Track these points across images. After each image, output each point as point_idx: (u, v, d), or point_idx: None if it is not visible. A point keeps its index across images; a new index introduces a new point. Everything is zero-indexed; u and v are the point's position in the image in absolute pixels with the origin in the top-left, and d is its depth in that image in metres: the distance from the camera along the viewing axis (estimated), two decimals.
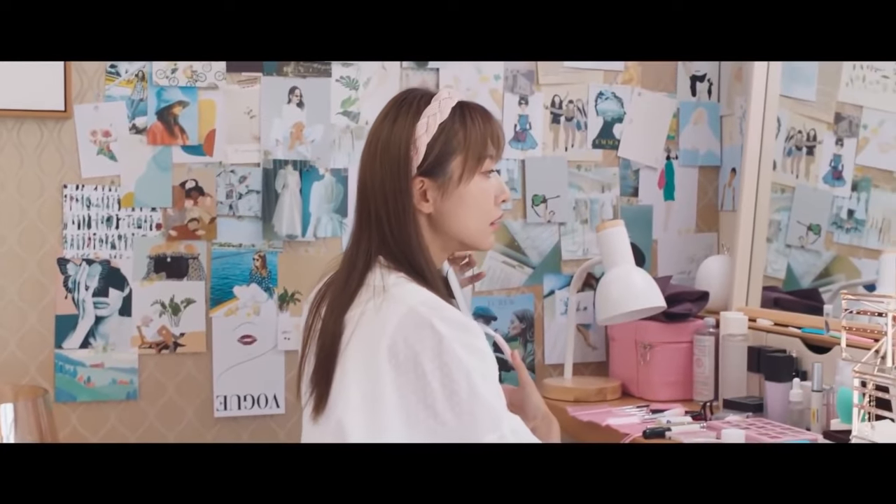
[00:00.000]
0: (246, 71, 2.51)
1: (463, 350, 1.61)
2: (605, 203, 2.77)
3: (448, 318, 1.63)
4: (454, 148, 1.75)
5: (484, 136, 1.78)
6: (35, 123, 2.40)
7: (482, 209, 1.79)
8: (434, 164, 1.74)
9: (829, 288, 2.64)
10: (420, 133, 1.74)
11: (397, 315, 1.63)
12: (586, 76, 2.75)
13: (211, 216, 2.50)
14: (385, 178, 1.74)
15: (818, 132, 2.71)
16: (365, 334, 1.64)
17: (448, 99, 1.78)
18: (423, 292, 1.67)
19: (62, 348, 2.43)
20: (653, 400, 2.48)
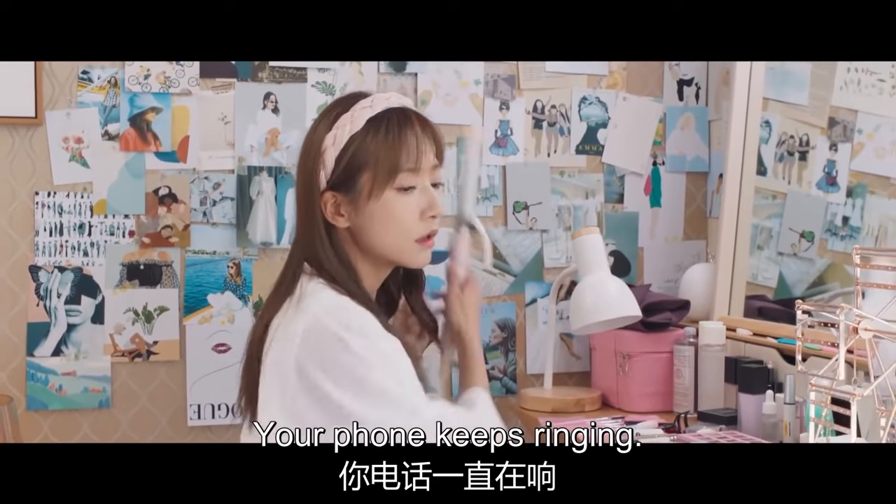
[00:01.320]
0: (220, 76, 2.54)
1: (364, 352, 1.61)
2: (588, 210, 2.78)
3: (347, 323, 1.63)
4: (362, 162, 1.71)
5: (397, 149, 1.71)
6: (6, 130, 2.44)
7: (399, 226, 1.73)
8: (342, 178, 1.71)
9: (822, 297, 2.64)
10: (328, 145, 1.72)
11: (303, 324, 1.64)
12: (569, 81, 2.76)
13: (185, 223, 2.53)
14: (298, 190, 1.76)
15: (811, 137, 2.70)
16: (279, 344, 1.67)
17: (366, 108, 1.73)
18: (332, 298, 1.68)
19: (34, 356, 2.47)
20: (631, 411, 2.48)
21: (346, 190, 1.72)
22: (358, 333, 1.63)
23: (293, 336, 1.64)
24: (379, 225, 1.73)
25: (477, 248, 2.02)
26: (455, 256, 1.97)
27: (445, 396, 1.92)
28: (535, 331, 2.75)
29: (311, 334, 1.63)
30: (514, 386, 2.73)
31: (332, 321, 1.63)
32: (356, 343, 1.62)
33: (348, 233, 1.76)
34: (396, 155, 1.71)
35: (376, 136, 1.71)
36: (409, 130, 1.73)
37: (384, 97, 1.76)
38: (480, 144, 1.98)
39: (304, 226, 1.75)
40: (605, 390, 2.61)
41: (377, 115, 1.73)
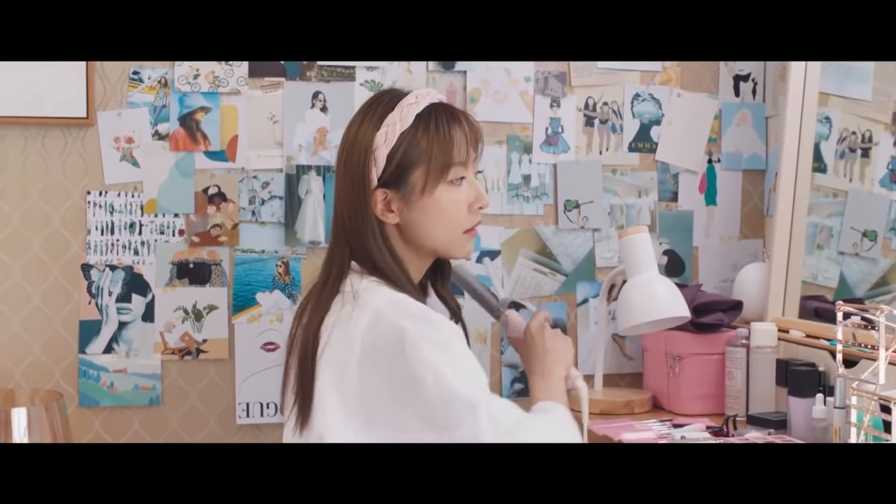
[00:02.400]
0: (269, 76, 2.59)
1: (428, 344, 1.66)
2: (641, 208, 2.78)
3: (413, 315, 1.69)
4: (415, 159, 1.77)
5: (448, 144, 1.78)
6: (59, 130, 2.52)
7: (450, 219, 1.80)
8: (395, 175, 1.77)
9: (884, 298, 2.61)
10: (379, 144, 1.77)
11: (365, 320, 1.69)
12: (622, 77, 2.76)
13: (233, 222, 2.59)
14: (347, 188, 1.80)
15: (874, 133, 2.67)
16: (338, 343, 1.71)
17: (413, 105, 1.78)
18: (390, 294, 1.73)
19: (86, 353, 2.54)
20: (682, 414, 2.48)
21: (397, 186, 1.78)
22: (426, 322, 1.69)
23: (353, 333, 1.69)
24: (430, 219, 1.79)
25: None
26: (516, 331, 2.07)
27: None
28: (587, 331, 2.75)
29: (373, 329, 1.68)
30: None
31: (397, 314, 1.69)
32: (422, 333, 1.67)
33: (396, 229, 1.81)
34: (448, 150, 1.79)
35: (427, 132, 1.78)
36: (457, 125, 1.81)
37: (425, 93, 1.83)
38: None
39: (356, 224, 1.80)
40: (656, 392, 2.60)
41: (423, 111, 1.79)
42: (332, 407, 1.69)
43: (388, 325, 1.68)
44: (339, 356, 1.70)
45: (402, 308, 1.70)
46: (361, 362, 1.68)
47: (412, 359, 1.66)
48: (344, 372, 1.69)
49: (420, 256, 1.85)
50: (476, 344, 2.68)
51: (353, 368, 1.68)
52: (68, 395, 2.51)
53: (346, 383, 1.68)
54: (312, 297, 1.81)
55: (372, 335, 1.68)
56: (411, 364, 1.66)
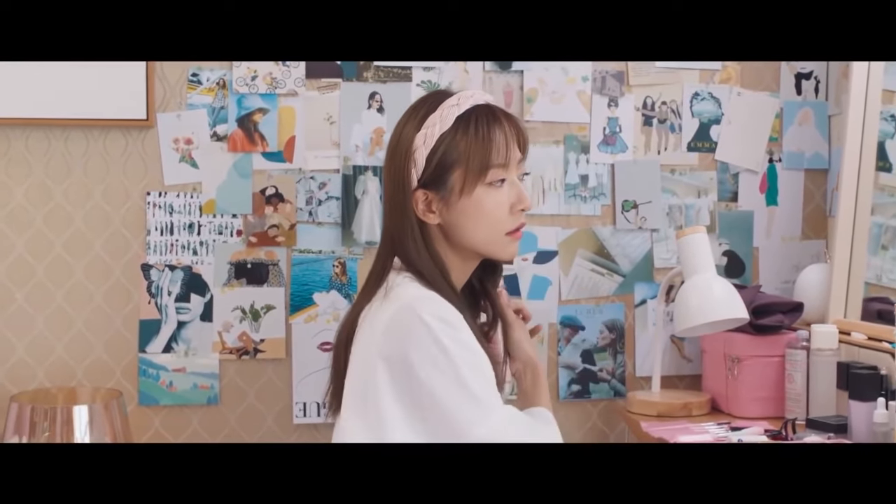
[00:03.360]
0: (325, 77, 2.63)
1: (450, 342, 1.70)
2: (701, 208, 2.77)
3: (435, 313, 1.72)
4: (453, 160, 1.79)
5: (487, 146, 1.80)
6: (119, 132, 2.57)
7: (490, 220, 1.82)
8: (434, 176, 1.80)
9: None
10: (418, 145, 1.80)
11: (391, 311, 1.74)
12: (680, 76, 2.76)
13: (291, 223, 2.62)
14: (389, 188, 1.84)
15: None
16: (366, 331, 1.76)
17: (454, 106, 1.81)
18: (420, 290, 1.77)
19: (145, 352, 2.60)
20: (741, 416, 2.47)
21: (437, 188, 1.81)
22: (444, 322, 1.72)
23: (377, 325, 1.74)
24: (470, 220, 1.81)
25: None
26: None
27: None
28: (645, 332, 2.75)
29: (395, 322, 1.72)
30: (623, 388, 2.74)
31: (418, 310, 1.72)
32: (442, 331, 1.70)
33: (439, 229, 1.84)
34: (487, 151, 1.80)
35: (466, 134, 1.79)
36: (497, 126, 1.81)
37: (469, 94, 1.84)
38: None
39: (396, 223, 1.84)
40: (714, 394, 2.60)
41: (464, 112, 1.81)
42: (355, 394, 1.75)
43: (412, 318, 1.71)
44: (365, 347, 1.75)
45: (425, 304, 1.73)
46: (381, 354, 1.72)
47: (433, 354, 1.69)
48: (367, 360, 1.74)
49: (464, 258, 1.87)
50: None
51: (376, 358, 1.72)
52: (128, 393, 2.57)
53: (369, 371, 1.73)
54: (360, 293, 1.87)
55: (394, 329, 1.72)
56: (432, 359, 1.69)
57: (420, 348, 1.70)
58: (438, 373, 1.69)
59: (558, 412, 2.68)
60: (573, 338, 2.74)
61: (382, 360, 1.72)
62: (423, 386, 1.70)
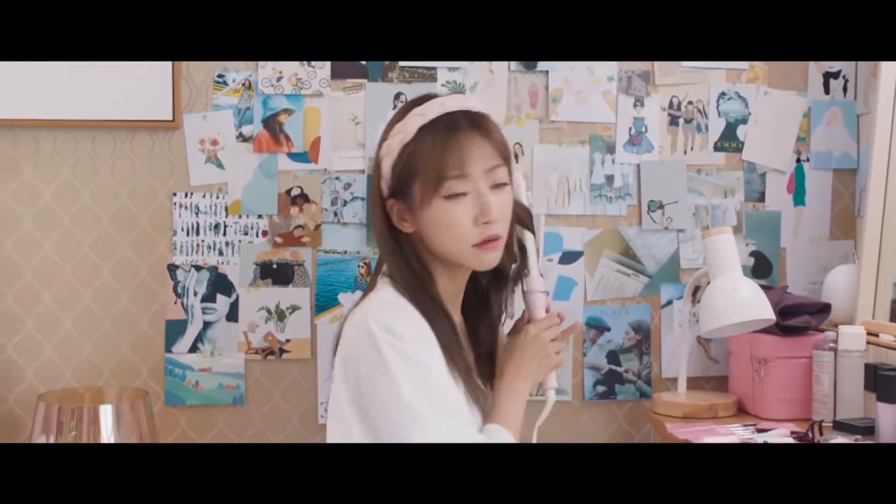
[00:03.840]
0: (350, 77, 2.64)
1: (392, 354, 1.68)
2: (727, 209, 2.76)
3: (383, 322, 1.70)
4: (413, 171, 1.75)
5: (442, 156, 1.73)
6: (146, 133, 2.60)
7: (453, 234, 1.75)
8: (399, 186, 1.77)
9: None
10: (384, 154, 1.79)
11: (355, 317, 1.75)
12: (707, 75, 2.75)
13: (316, 223, 2.64)
14: (370, 195, 1.85)
15: None
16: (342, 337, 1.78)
17: (419, 116, 1.76)
18: (386, 295, 1.76)
19: (172, 352, 2.62)
20: (767, 418, 2.46)
21: (403, 198, 1.79)
22: (389, 332, 1.69)
23: (345, 332, 1.76)
24: (435, 232, 1.77)
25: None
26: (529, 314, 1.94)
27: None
28: (671, 333, 2.75)
29: (351, 329, 1.73)
30: (649, 389, 2.74)
31: (368, 319, 1.71)
32: (385, 342, 1.68)
33: (417, 237, 1.81)
34: (441, 163, 1.73)
35: (424, 145, 1.75)
36: (456, 136, 1.74)
37: (439, 102, 1.78)
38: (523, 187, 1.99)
39: (374, 229, 1.85)
40: (741, 396, 2.59)
41: (428, 122, 1.76)
42: (332, 405, 1.76)
43: (362, 328, 1.70)
44: (336, 355, 1.77)
45: (377, 312, 1.72)
46: (341, 359, 1.74)
47: (374, 366, 1.68)
48: (335, 369, 1.75)
49: (448, 267, 1.82)
50: None
51: (339, 364, 1.74)
52: (154, 393, 2.59)
53: (337, 377, 1.74)
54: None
55: (349, 336, 1.74)
56: (374, 370, 1.68)
57: (365, 357, 1.69)
58: (380, 382, 1.68)
59: (583, 413, 2.71)
60: (599, 339, 2.73)
61: (342, 369, 1.73)
62: (367, 395, 1.69)
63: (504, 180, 1.78)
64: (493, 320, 1.93)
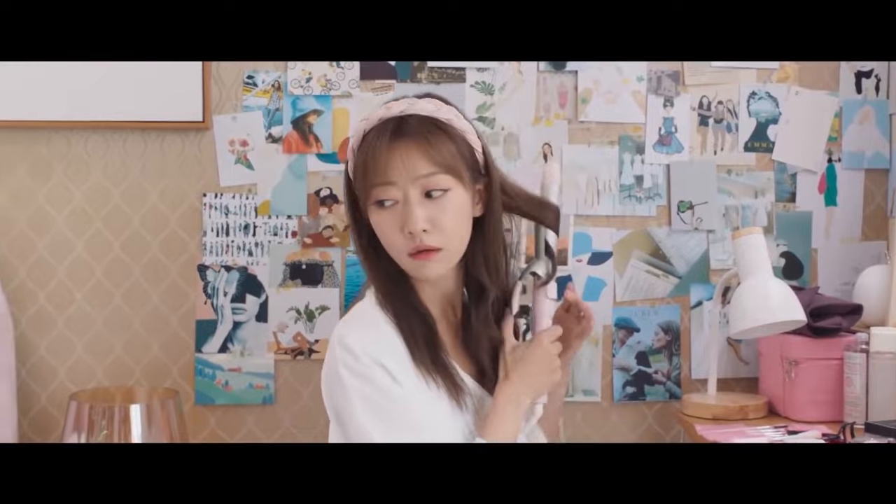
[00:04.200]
0: (379, 78, 2.64)
1: (345, 372, 1.68)
2: (758, 209, 2.75)
3: (343, 339, 1.70)
4: (354, 177, 1.75)
5: (368, 164, 1.71)
6: (176, 134, 2.62)
7: (387, 241, 1.74)
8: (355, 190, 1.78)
9: None
10: (347, 157, 1.80)
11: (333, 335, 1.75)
12: (737, 75, 2.74)
13: (345, 224, 2.64)
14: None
15: None
16: None
17: (364, 121, 1.76)
18: (356, 312, 1.78)
19: (202, 352, 2.63)
20: (798, 420, 2.45)
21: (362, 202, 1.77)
22: (347, 351, 1.69)
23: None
24: (380, 237, 1.76)
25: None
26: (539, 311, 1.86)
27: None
28: (701, 334, 2.74)
29: (330, 344, 1.74)
30: (678, 391, 2.73)
31: (336, 333, 1.73)
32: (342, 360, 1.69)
33: None
34: (365, 170, 1.71)
35: (361, 151, 1.74)
36: (379, 143, 1.70)
37: (386, 107, 1.76)
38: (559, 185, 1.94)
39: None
40: (771, 397, 2.58)
41: (370, 128, 1.75)
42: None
43: (331, 345, 1.72)
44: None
45: (343, 328, 1.73)
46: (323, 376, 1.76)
47: (333, 386, 1.71)
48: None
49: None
50: (587, 347, 2.69)
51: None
52: (185, 392, 2.61)
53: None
54: None
55: (328, 351, 1.74)
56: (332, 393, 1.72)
57: (328, 375, 1.72)
58: (337, 397, 1.71)
59: (612, 414, 2.71)
60: (628, 339, 2.73)
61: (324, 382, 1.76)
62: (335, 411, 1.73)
63: (442, 187, 1.70)
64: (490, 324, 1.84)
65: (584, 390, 2.72)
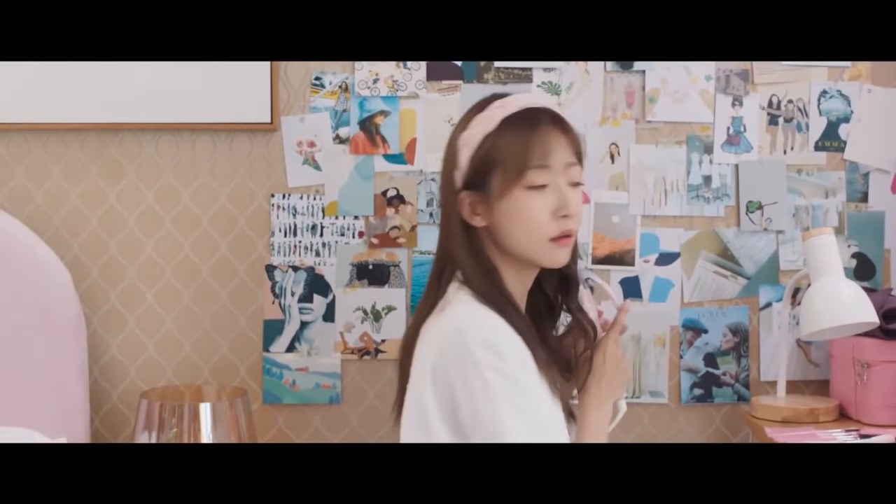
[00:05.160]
0: (446, 79, 2.66)
1: (490, 374, 1.66)
2: (829, 209, 2.72)
3: (484, 340, 1.68)
4: (494, 161, 1.76)
5: (525, 147, 1.75)
6: (245, 136, 2.65)
7: (530, 225, 1.76)
8: (475, 177, 1.78)
9: None
10: (462, 145, 1.79)
11: (441, 334, 1.72)
12: (808, 73, 2.71)
13: (412, 224, 2.66)
14: (441, 190, 1.86)
15: None
16: (423, 346, 1.76)
17: (500, 108, 1.78)
18: (472, 311, 1.74)
19: (269, 352, 2.66)
20: (870, 424, 2.42)
21: (479, 189, 1.79)
22: (491, 351, 1.68)
23: (433, 342, 1.74)
24: (511, 224, 1.77)
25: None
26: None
27: None
28: (770, 336, 2.71)
29: (445, 345, 1.70)
30: (747, 393, 2.71)
31: (467, 337, 1.69)
32: (487, 363, 1.67)
33: (487, 232, 1.81)
34: (525, 152, 1.75)
35: (507, 135, 1.76)
36: (541, 129, 1.77)
37: (520, 97, 1.81)
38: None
39: (444, 227, 1.85)
40: (842, 400, 2.55)
41: (510, 114, 1.78)
42: (410, 407, 1.76)
43: (460, 344, 1.68)
44: (421, 363, 1.75)
45: (476, 330, 1.69)
46: (433, 374, 1.71)
47: (474, 386, 1.67)
48: (421, 377, 1.73)
49: (517, 265, 1.82)
50: (654, 348, 2.68)
51: (427, 377, 1.72)
52: (253, 392, 2.64)
53: (420, 388, 1.73)
54: (420, 302, 1.88)
55: (444, 350, 1.70)
56: (472, 390, 1.67)
57: (464, 377, 1.68)
58: (479, 403, 1.67)
59: (679, 416, 2.70)
60: (696, 341, 2.71)
61: (431, 380, 1.71)
62: (467, 414, 1.68)
63: (580, 180, 1.81)
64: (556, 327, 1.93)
65: (651, 392, 2.71)
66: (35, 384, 2.47)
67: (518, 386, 1.69)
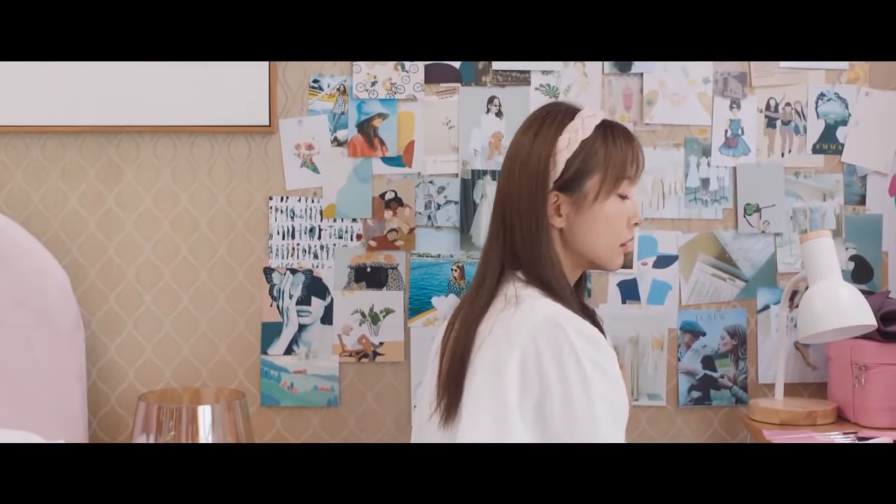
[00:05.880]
0: (444, 82, 2.66)
1: (589, 365, 1.73)
2: (826, 212, 2.73)
3: (580, 332, 1.76)
4: (593, 166, 1.87)
5: (625, 157, 1.90)
6: (243, 138, 2.65)
7: (613, 230, 1.90)
8: (571, 180, 1.86)
9: None
10: (561, 147, 1.86)
11: (531, 323, 1.75)
12: (806, 76, 2.72)
13: (410, 227, 2.67)
14: (523, 189, 1.87)
15: None
16: (496, 342, 1.77)
17: (592, 117, 1.90)
18: (556, 305, 1.80)
19: (267, 354, 2.67)
20: (868, 426, 2.43)
21: (571, 192, 1.87)
22: (589, 342, 1.76)
23: (515, 335, 1.75)
24: (596, 227, 1.89)
25: None
26: None
27: None
28: (768, 338, 2.72)
29: (539, 336, 1.74)
30: (745, 395, 2.71)
31: (565, 327, 1.75)
32: (585, 353, 1.74)
33: (559, 234, 1.89)
34: (624, 163, 1.90)
35: (606, 143, 1.88)
36: (630, 143, 1.92)
37: (600, 111, 1.99)
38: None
39: (527, 226, 1.87)
40: (841, 403, 2.55)
41: (601, 123, 1.90)
42: (482, 404, 1.76)
43: (557, 333, 1.74)
44: (497, 355, 1.76)
45: (570, 321, 1.77)
46: (521, 363, 1.74)
47: (570, 374, 1.72)
48: (499, 371, 1.75)
49: (575, 265, 1.93)
50: (652, 351, 2.69)
51: (512, 368, 1.74)
52: (251, 394, 2.65)
53: (500, 381, 1.74)
54: (467, 302, 1.89)
55: (536, 339, 1.74)
56: (568, 378, 1.72)
57: (561, 366, 1.73)
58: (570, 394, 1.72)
59: (678, 418, 2.70)
60: (693, 343, 2.72)
61: (517, 369, 1.73)
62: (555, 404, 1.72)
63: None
64: None
65: (650, 394, 2.71)
66: (33, 386, 2.47)
67: (610, 378, 1.76)
